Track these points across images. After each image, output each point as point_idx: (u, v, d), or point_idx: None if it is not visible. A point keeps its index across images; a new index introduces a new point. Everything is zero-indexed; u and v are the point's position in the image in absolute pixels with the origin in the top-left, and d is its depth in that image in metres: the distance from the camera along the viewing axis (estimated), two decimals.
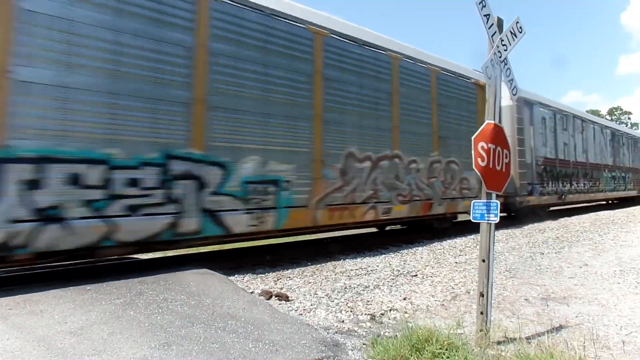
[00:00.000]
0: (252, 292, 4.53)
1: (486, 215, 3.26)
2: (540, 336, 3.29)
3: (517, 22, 3.59)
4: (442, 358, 2.75)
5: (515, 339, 3.07)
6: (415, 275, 5.55)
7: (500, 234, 9.46)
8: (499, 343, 3.12)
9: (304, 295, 4.62)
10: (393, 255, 7.08)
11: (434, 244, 8.35)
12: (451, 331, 3.05)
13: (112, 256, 5.51)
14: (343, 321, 3.80)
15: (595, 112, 51.73)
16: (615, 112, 64.07)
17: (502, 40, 3.49)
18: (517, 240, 8.83)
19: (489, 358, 2.84)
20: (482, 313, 3.17)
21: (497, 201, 3.28)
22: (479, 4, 3.32)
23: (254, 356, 2.76)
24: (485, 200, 3.29)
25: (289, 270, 5.88)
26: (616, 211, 16.16)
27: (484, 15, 3.36)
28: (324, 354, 2.87)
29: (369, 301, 4.38)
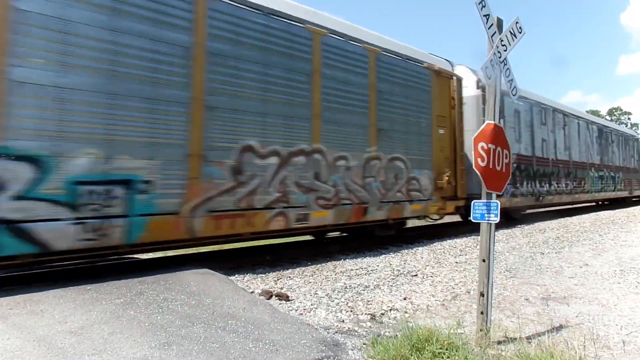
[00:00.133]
0: (252, 292, 4.53)
1: (486, 215, 3.28)
2: (540, 336, 3.29)
3: (517, 23, 3.60)
4: (443, 358, 2.76)
5: (515, 339, 3.07)
6: (415, 275, 5.56)
7: (501, 234, 9.46)
8: (499, 343, 3.13)
9: (304, 295, 4.63)
10: (393, 255, 7.09)
11: (434, 243, 8.35)
12: (451, 331, 3.06)
13: None
14: (343, 321, 3.81)
15: (595, 112, 51.71)
16: (615, 113, 64.15)
17: (502, 41, 3.50)
18: (517, 240, 8.83)
19: (489, 358, 2.85)
20: (482, 313, 3.18)
21: (498, 201, 3.29)
22: (479, 4, 3.32)
23: (254, 356, 2.77)
24: (486, 201, 3.30)
25: (289, 270, 5.89)
26: (616, 211, 16.16)
27: (484, 16, 3.37)
28: (324, 354, 2.88)
29: (369, 301, 4.39)
